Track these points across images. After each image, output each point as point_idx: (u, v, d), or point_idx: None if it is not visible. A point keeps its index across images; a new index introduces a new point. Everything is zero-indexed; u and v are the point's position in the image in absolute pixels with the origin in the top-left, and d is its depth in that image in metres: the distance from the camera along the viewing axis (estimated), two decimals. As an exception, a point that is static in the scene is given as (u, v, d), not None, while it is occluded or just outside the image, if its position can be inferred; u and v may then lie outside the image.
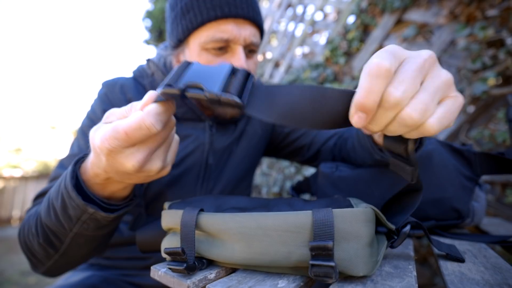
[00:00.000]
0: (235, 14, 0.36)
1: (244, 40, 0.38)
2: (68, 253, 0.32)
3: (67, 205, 0.28)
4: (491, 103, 0.88)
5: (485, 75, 0.85)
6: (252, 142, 0.50)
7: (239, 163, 0.48)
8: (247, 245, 0.22)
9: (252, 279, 0.22)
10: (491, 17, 0.87)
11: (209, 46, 0.38)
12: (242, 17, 0.37)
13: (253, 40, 0.39)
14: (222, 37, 0.37)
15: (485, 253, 0.29)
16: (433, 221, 0.38)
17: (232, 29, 0.37)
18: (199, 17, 0.37)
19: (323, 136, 0.50)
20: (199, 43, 0.38)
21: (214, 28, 0.37)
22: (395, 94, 0.17)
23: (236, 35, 0.37)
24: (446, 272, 0.23)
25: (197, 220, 0.23)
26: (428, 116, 0.18)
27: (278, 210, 0.24)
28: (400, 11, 1.15)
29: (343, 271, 0.20)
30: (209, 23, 0.37)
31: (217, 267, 0.24)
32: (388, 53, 0.18)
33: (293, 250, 0.21)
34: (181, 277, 0.22)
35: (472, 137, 0.88)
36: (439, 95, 0.18)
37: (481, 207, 0.41)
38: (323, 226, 0.20)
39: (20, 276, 2.17)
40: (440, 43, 1.00)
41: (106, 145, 0.21)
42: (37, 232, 0.32)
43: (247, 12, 0.37)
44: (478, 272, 0.23)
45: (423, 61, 0.18)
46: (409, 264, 0.25)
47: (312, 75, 1.41)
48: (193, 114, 0.43)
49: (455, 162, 0.38)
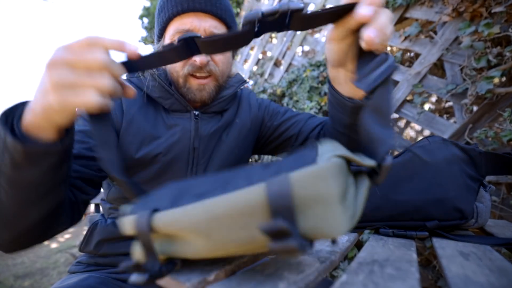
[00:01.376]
0: (193, 8, 0.43)
1: (204, 30, 0.44)
2: (9, 205, 0.29)
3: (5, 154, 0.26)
4: (495, 103, 0.86)
5: (490, 74, 0.84)
6: (242, 133, 0.53)
7: (229, 152, 0.51)
8: (206, 238, 0.20)
9: (252, 281, 0.22)
10: (497, 14, 0.85)
11: (176, 37, 0.44)
12: (201, 11, 0.43)
13: (213, 30, 0.45)
14: (183, 28, 0.43)
15: (490, 255, 0.28)
16: (435, 221, 0.37)
17: (192, 21, 0.43)
18: (167, 14, 0.44)
19: (310, 125, 0.53)
20: (169, 36, 0.45)
21: (178, 21, 0.44)
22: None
23: (196, 25, 0.43)
24: (450, 274, 0.23)
25: (151, 224, 0.21)
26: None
27: (235, 186, 0.20)
28: (403, 9, 1.14)
29: (315, 237, 0.18)
30: (174, 18, 0.44)
31: (217, 269, 0.24)
32: None
33: (255, 233, 0.18)
34: (180, 279, 0.22)
35: (475, 137, 0.87)
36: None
37: (485, 208, 0.40)
38: (280, 200, 0.17)
39: (14, 280, 2.18)
40: (444, 41, 0.99)
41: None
42: None
43: (205, 6, 0.43)
44: (483, 275, 0.23)
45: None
46: (412, 266, 0.24)
47: (312, 74, 1.41)
48: (179, 105, 0.47)
49: (460, 161, 0.38)
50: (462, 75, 0.94)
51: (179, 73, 0.46)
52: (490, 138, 0.85)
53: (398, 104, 1.12)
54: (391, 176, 0.42)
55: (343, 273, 0.23)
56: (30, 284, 2.10)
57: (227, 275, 0.24)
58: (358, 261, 0.27)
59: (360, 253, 0.30)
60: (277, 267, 0.25)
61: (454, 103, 0.96)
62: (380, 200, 0.42)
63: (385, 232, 0.41)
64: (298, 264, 0.26)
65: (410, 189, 0.39)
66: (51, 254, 2.95)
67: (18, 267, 2.57)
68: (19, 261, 2.75)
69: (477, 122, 0.90)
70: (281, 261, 0.27)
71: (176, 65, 0.46)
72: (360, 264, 0.26)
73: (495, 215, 0.82)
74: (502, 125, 0.86)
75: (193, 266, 0.25)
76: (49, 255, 2.93)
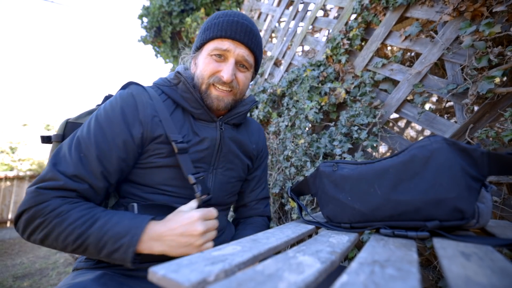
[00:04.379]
0: (233, 37, 0.55)
1: (237, 54, 0.55)
2: (66, 250, 0.44)
3: (117, 253, 0.41)
4: (496, 102, 0.86)
5: (491, 74, 0.83)
6: (246, 150, 0.67)
7: (234, 157, 0.64)
8: None
9: (252, 281, 0.22)
10: (498, 14, 0.85)
11: (213, 53, 0.56)
12: (238, 40, 0.55)
13: (244, 56, 0.56)
14: (221, 47, 0.55)
15: (492, 256, 0.28)
16: (436, 221, 0.37)
17: (229, 44, 0.55)
18: (211, 34, 0.56)
19: (251, 196, 0.71)
20: (207, 51, 0.57)
21: (218, 42, 0.55)
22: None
23: (231, 49, 0.55)
24: (451, 275, 0.23)
25: None
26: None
27: None
28: (404, 8, 1.14)
29: None
30: (216, 39, 0.56)
31: (217, 269, 0.24)
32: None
33: None
34: (180, 279, 0.22)
35: (476, 137, 0.87)
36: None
37: (487, 209, 0.40)
38: None
39: (13, 281, 2.17)
40: (444, 40, 0.98)
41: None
42: (74, 243, 0.42)
43: (243, 38, 0.55)
44: (485, 275, 0.23)
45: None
46: (413, 266, 0.24)
47: (313, 74, 1.40)
48: (207, 115, 0.58)
49: (461, 161, 0.37)
50: (463, 75, 0.94)
51: (204, 80, 0.56)
52: (491, 138, 0.84)
53: (399, 104, 1.12)
54: (392, 176, 0.41)
55: (344, 273, 0.23)
56: (29, 284, 2.10)
57: (227, 275, 0.24)
58: (359, 261, 0.27)
59: (361, 253, 0.30)
60: (277, 267, 0.24)
61: (455, 103, 0.96)
62: (381, 200, 0.42)
63: (386, 232, 0.40)
64: (298, 264, 0.26)
65: (410, 189, 0.39)
66: (50, 255, 2.95)
67: (17, 267, 2.57)
68: (18, 262, 2.75)
69: (478, 122, 0.90)
70: (281, 261, 0.26)
71: (204, 74, 0.56)
72: (361, 264, 0.25)
73: (496, 215, 0.82)
74: (503, 125, 0.86)
75: (193, 266, 0.25)
76: (48, 255, 2.93)
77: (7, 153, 7.63)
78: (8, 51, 34.44)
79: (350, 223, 0.46)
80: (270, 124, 1.64)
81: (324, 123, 1.40)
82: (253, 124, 0.72)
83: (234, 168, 0.63)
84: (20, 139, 8.10)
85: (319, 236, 0.41)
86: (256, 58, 0.60)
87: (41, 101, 13.49)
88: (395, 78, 1.16)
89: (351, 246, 0.38)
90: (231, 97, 0.58)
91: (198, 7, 2.89)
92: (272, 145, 1.57)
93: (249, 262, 0.28)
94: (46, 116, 9.73)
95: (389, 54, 1.47)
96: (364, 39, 1.33)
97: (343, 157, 1.16)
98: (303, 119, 1.39)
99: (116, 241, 0.41)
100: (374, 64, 1.22)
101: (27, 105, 11.66)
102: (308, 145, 1.32)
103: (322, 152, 1.24)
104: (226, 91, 0.56)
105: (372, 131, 1.16)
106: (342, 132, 1.21)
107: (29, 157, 7.70)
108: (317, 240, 0.38)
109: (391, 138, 1.13)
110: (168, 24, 3.09)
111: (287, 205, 1.39)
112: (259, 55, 0.60)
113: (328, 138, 1.27)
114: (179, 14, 2.97)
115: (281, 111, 1.60)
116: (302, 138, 1.35)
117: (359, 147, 1.20)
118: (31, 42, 51.32)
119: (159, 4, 2.97)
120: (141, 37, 3.43)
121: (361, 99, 1.22)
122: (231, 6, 2.64)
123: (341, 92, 1.28)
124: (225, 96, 0.56)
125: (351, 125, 1.21)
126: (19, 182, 5.13)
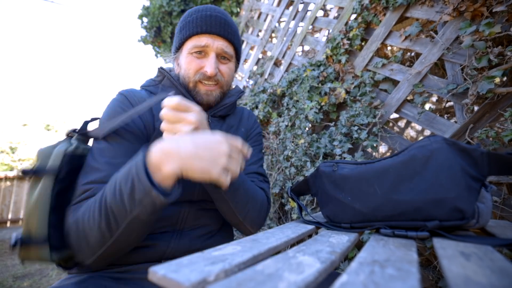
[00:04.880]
0: (209, 31, 0.55)
1: (216, 47, 0.56)
2: (120, 239, 0.40)
3: (135, 189, 0.36)
4: (496, 102, 0.86)
5: (491, 74, 0.83)
6: (242, 137, 0.65)
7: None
8: None
9: (252, 281, 0.22)
10: (498, 14, 0.85)
11: (193, 51, 0.57)
12: (215, 33, 0.56)
13: (224, 49, 0.57)
14: (200, 44, 0.56)
15: (492, 256, 0.28)
16: (436, 221, 0.37)
17: (207, 39, 0.56)
18: (187, 33, 0.57)
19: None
20: (187, 49, 0.57)
21: (196, 39, 0.56)
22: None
23: (210, 43, 0.56)
24: (451, 275, 0.23)
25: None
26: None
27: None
28: (404, 8, 1.14)
29: None
30: (193, 36, 0.56)
31: (217, 269, 0.24)
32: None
33: None
34: (180, 279, 0.22)
35: (476, 137, 0.87)
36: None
37: (487, 209, 0.40)
38: None
39: (13, 281, 2.18)
40: (444, 40, 0.98)
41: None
42: (100, 216, 0.39)
43: (219, 30, 0.56)
44: (484, 275, 0.23)
45: None
46: (413, 266, 0.24)
47: (313, 74, 1.40)
48: None
49: (461, 161, 0.37)
50: (463, 75, 0.94)
51: (190, 78, 0.57)
52: (491, 138, 0.84)
53: (399, 104, 1.12)
54: (392, 176, 0.41)
55: (344, 273, 0.23)
56: (29, 284, 2.10)
57: (227, 275, 0.24)
58: (359, 261, 0.27)
59: (361, 253, 0.30)
60: (277, 267, 0.25)
61: (455, 103, 0.96)
62: (381, 200, 0.42)
63: (386, 232, 0.41)
64: (298, 264, 0.26)
65: (410, 189, 0.39)
66: (51, 254, 2.93)
67: (17, 267, 2.57)
68: (18, 262, 2.74)
69: (478, 122, 0.90)
70: (281, 261, 0.26)
71: (189, 72, 0.57)
72: (361, 264, 0.25)
73: (496, 215, 0.82)
74: (503, 125, 0.86)
75: (193, 266, 0.25)
76: (49, 255, 2.92)
77: (7, 153, 7.64)
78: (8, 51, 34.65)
79: (350, 223, 0.46)
80: (270, 124, 1.64)
81: (324, 123, 1.40)
82: (244, 112, 0.71)
83: None
84: (20, 139, 8.11)
85: (319, 236, 0.41)
86: (236, 48, 0.60)
87: (41, 101, 13.49)
88: (395, 78, 1.16)
89: (351, 246, 0.38)
90: (219, 90, 0.59)
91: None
92: (272, 145, 1.57)
93: (249, 262, 0.28)
94: (46, 116, 9.73)
95: (389, 54, 1.47)
96: (364, 39, 1.33)
97: (343, 157, 1.16)
98: (303, 119, 1.39)
99: (126, 180, 0.37)
100: (374, 64, 1.22)
101: (27, 105, 11.65)
102: (308, 145, 1.32)
103: (322, 152, 1.24)
104: (212, 85, 0.58)
105: (372, 131, 1.16)
106: (342, 132, 1.21)
107: (29, 157, 7.71)
108: (317, 240, 0.38)
109: (391, 138, 1.13)
110: (168, 24, 3.09)
111: (287, 205, 1.39)
112: (238, 44, 0.61)
113: (328, 138, 1.27)
114: (179, 14, 2.98)
115: (281, 111, 1.60)
116: (302, 138, 1.35)
117: (359, 147, 1.20)
118: (31, 42, 51.63)
119: (159, 4, 2.97)
120: (141, 37, 3.43)
121: (361, 99, 1.22)
122: (231, 6, 2.65)
123: (341, 92, 1.28)
124: (213, 90, 0.58)
125: (351, 125, 1.21)
126: (19, 182, 5.13)
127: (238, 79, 2.38)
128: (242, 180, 0.51)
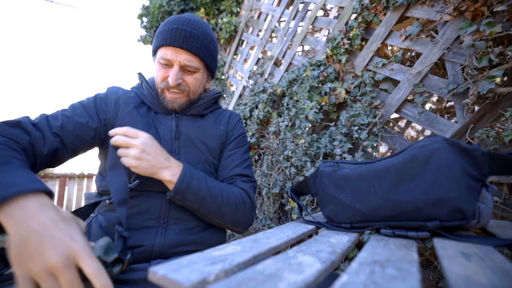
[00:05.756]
0: (173, 44, 0.59)
1: (178, 61, 0.60)
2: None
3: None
4: (497, 102, 0.86)
5: (492, 73, 0.83)
6: (213, 134, 0.68)
7: (200, 142, 0.66)
8: None
9: (252, 281, 0.22)
10: (499, 13, 0.85)
11: (161, 62, 0.61)
12: (178, 47, 0.59)
13: (186, 63, 0.60)
14: (165, 57, 0.60)
15: (492, 256, 0.28)
16: (437, 221, 0.37)
17: (171, 53, 0.59)
18: (157, 43, 0.61)
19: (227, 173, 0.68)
20: (157, 58, 0.62)
21: (163, 51, 0.60)
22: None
23: (173, 57, 0.59)
24: (451, 275, 0.23)
25: None
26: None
27: None
28: (404, 8, 1.14)
29: None
30: (161, 47, 0.60)
31: (217, 269, 0.24)
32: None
33: None
34: (180, 279, 0.22)
35: (477, 137, 0.87)
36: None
37: (487, 209, 0.40)
38: None
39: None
40: (445, 40, 0.98)
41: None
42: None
43: (181, 44, 0.59)
44: (485, 276, 0.23)
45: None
46: (413, 266, 0.24)
47: (313, 74, 1.40)
48: (163, 109, 0.64)
49: (462, 161, 0.37)
50: (463, 75, 0.93)
51: (158, 85, 0.63)
52: (491, 138, 0.84)
53: (399, 104, 1.12)
54: (392, 176, 0.41)
55: (344, 273, 0.23)
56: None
57: (227, 275, 0.24)
58: (359, 261, 0.27)
59: (361, 253, 0.30)
60: (277, 267, 0.25)
61: (455, 102, 0.96)
62: (381, 200, 0.42)
63: (386, 232, 0.40)
64: (299, 264, 0.26)
65: (411, 189, 0.39)
66: (52, 254, 2.93)
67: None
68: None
69: (478, 122, 0.90)
70: (282, 261, 0.26)
71: (157, 79, 0.62)
72: (361, 264, 0.25)
73: (496, 215, 0.82)
74: (504, 125, 0.86)
75: (193, 266, 0.25)
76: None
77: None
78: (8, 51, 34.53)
79: (350, 223, 0.46)
80: (270, 124, 1.64)
81: (324, 123, 1.40)
82: (225, 113, 0.74)
83: (197, 153, 0.64)
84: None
85: (319, 236, 0.41)
86: (203, 60, 0.63)
87: (41, 101, 13.52)
88: (395, 78, 1.16)
89: (351, 246, 0.38)
90: (185, 98, 0.63)
91: (198, 7, 2.89)
92: (272, 145, 1.57)
93: (249, 262, 0.28)
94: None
95: (389, 54, 1.47)
96: (364, 39, 1.33)
97: (343, 157, 1.16)
98: (303, 119, 1.39)
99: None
100: (374, 64, 1.22)
101: (27, 105, 11.66)
102: (308, 145, 1.32)
103: (322, 152, 1.24)
104: (178, 93, 0.62)
105: (372, 131, 1.15)
106: (342, 132, 1.21)
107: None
108: (317, 240, 0.38)
109: (391, 138, 1.13)
110: (168, 24, 3.09)
111: (287, 205, 1.39)
112: (205, 56, 0.63)
113: (328, 138, 1.27)
114: (179, 14, 2.97)
115: (281, 111, 1.60)
116: (302, 138, 1.35)
117: (359, 147, 1.20)
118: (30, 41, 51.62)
119: (159, 4, 2.97)
120: (141, 37, 3.43)
121: (361, 99, 1.22)
122: (231, 6, 2.64)
123: (341, 92, 1.28)
124: (178, 98, 0.62)
125: (351, 125, 1.21)
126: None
127: (238, 79, 2.38)
128: (208, 189, 0.55)
